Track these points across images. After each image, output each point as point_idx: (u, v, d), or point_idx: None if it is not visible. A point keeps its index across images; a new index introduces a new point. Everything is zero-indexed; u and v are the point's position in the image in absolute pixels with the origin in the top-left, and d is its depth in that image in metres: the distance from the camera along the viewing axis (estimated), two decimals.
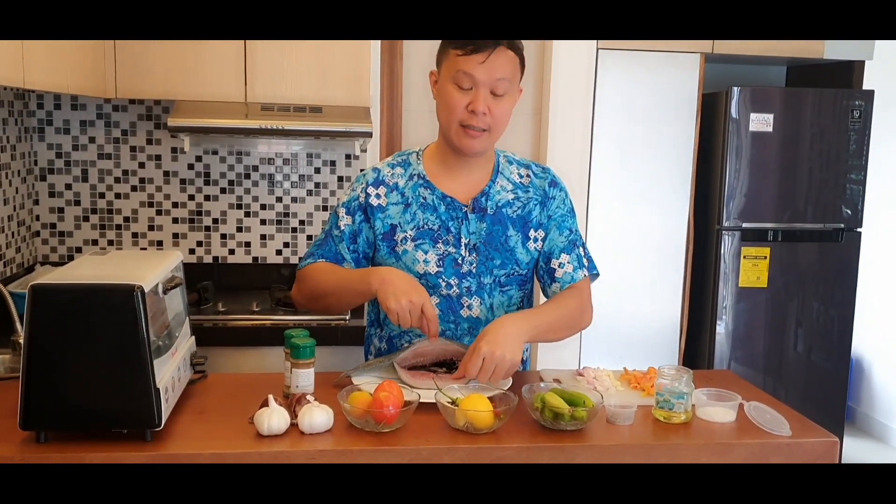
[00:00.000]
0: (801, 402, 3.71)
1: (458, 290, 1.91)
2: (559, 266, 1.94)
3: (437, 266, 1.90)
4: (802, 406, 1.75)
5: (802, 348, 3.88)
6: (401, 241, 1.90)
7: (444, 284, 1.90)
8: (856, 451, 4.39)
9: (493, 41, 1.79)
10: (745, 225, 3.70)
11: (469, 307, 1.92)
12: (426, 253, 1.90)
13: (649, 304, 3.77)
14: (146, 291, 1.42)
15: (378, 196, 1.93)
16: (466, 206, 1.91)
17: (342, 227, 1.94)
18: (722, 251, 3.70)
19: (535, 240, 1.95)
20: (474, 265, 1.91)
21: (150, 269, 1.54)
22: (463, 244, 1.90)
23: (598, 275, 2.01)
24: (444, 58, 1.87)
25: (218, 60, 2.75)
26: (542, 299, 2.02)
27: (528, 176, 1.98)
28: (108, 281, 1.42)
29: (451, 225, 1.90)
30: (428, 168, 1.95)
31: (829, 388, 3.95)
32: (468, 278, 1.91)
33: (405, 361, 1.79)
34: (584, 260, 1.98)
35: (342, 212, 1.95)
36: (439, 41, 1.89)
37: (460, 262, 1.90)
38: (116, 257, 1.67)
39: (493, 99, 1.82)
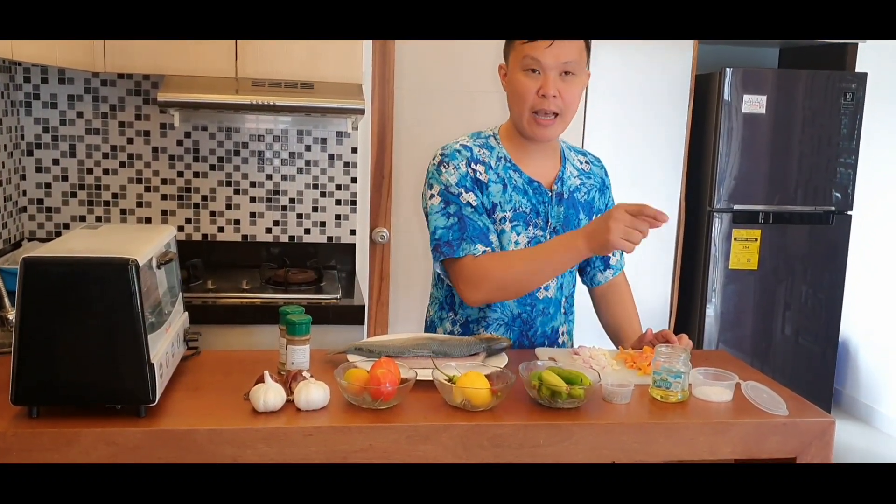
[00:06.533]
0: (788, 384, 3.70)
1: None
2: (612, 254, 2.09)
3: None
4: (789, 388, 1.76)
5: (791, 331, 3.90)
6: (499, 220, 1.91)
7: None
8: (841, 433, 4.41)
9: None
10: (736, 207, 3.71)
11: (546, 288, 1.97)
12: (518, 235, 1.92)
13: (639, 285, 3.73)
14: (140, 265, 1.39)
15: (480, 173, 1.90)
16: (551, 191, 1.94)
17: (472, 203, 1.88)
18: (713, 233, 3.71)
19: None
20: None
21: (144, 243, 1.52)
22: (549, 228, 1.94)
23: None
24: (510, 49, 1.88)
25: None
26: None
27: (586, 163, 2.06)
28: (102, 254, 1.39)
29: (540, 209, 1.93)
30: (509, 151, 1.95)
31: (817, 371, 3.98)
32: None
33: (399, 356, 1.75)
34: None
35: (461, 191, 1.87)
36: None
37: None
38: (109, 231, 1.64)
39: (563, 81, 1.83)
